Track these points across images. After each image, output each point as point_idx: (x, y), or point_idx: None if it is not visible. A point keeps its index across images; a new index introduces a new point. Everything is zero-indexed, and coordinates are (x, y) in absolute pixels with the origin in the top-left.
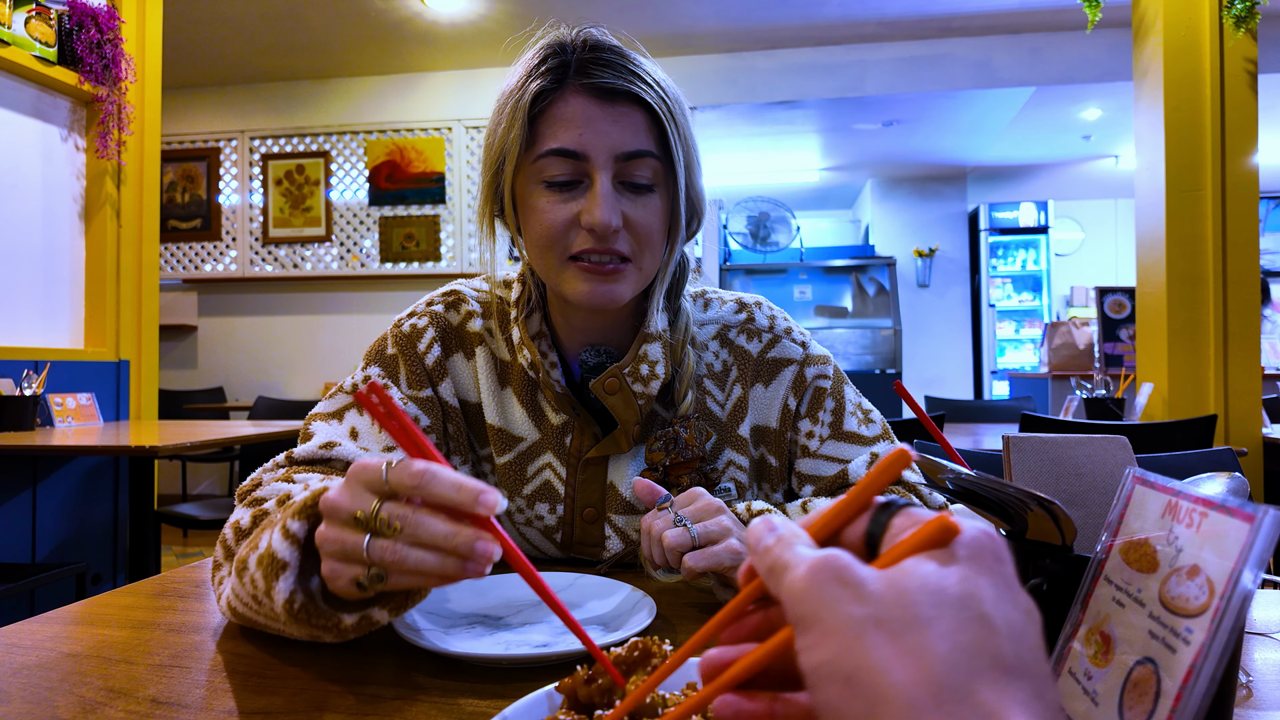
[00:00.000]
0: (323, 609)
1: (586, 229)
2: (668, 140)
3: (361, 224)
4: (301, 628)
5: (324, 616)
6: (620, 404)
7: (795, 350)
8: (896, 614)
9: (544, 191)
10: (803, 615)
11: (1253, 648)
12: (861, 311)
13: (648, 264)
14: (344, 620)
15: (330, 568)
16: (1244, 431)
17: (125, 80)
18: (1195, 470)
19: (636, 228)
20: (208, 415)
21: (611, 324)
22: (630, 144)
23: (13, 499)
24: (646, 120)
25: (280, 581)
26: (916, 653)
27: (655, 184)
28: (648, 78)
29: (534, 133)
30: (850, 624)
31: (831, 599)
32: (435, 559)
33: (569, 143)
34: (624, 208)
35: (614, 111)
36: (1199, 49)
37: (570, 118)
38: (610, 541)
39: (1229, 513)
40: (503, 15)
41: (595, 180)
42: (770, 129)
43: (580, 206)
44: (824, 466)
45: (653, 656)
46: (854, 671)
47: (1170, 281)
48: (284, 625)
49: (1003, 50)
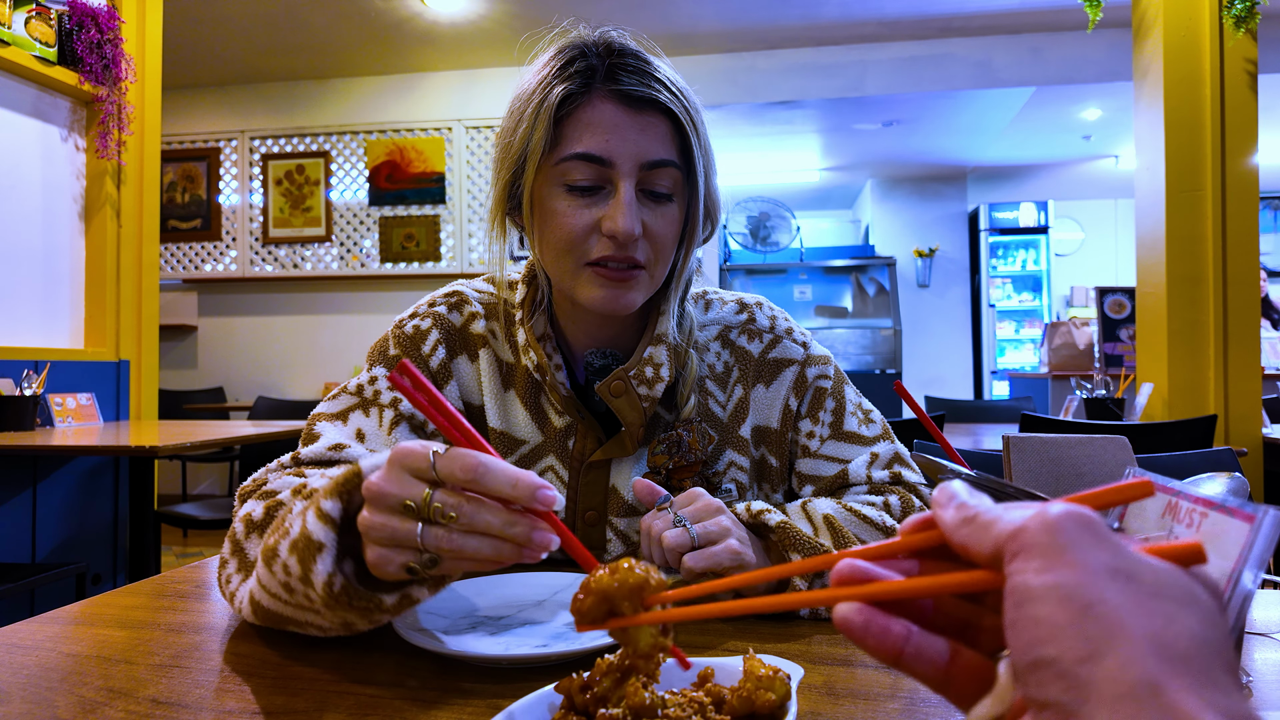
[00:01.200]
0: (362, 590)
1: (608, 235)
2: (690, 150)
3: (361, 224)
4: (339, 612)
5: (364, 598)
6: (625, 406)
7: (796, 351)
8: (1150, 579)
9: (565, 195)
10: (1045, 544)
11: (1253, 648)
12: (861, 311)
13: (659, 272)
14: (385, 600)
15: (378, 554)
16: (1244, 431)
17: (125, 80)
18: (1195, 470)
19: (654, 237)
20: (208, 415)
21: (618, 327)
22: (655, 153)
23: (13, 499)
24: (670, 130)
25: (318, 563)
26: (1167, 616)
27: (674, 194)
28: (672, 86)
29: (558, 135)
30: (1103, 566)
31: (1087, 542)
32: (492, 547)
33: (595, 148)
34: (644, 216)
35: (640, 120)
36: (1199, 49)
37: (597, 123)
38: (612, 545)
39: (1229, 513)
40: (503, 15)
41: (619, 188)
42: (770, 129)
43: (601, 212)
44: (824, 466)
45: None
46: (1095, 603)
47: (1170, 281)
48: (320, 610)
49: (1003, 50)
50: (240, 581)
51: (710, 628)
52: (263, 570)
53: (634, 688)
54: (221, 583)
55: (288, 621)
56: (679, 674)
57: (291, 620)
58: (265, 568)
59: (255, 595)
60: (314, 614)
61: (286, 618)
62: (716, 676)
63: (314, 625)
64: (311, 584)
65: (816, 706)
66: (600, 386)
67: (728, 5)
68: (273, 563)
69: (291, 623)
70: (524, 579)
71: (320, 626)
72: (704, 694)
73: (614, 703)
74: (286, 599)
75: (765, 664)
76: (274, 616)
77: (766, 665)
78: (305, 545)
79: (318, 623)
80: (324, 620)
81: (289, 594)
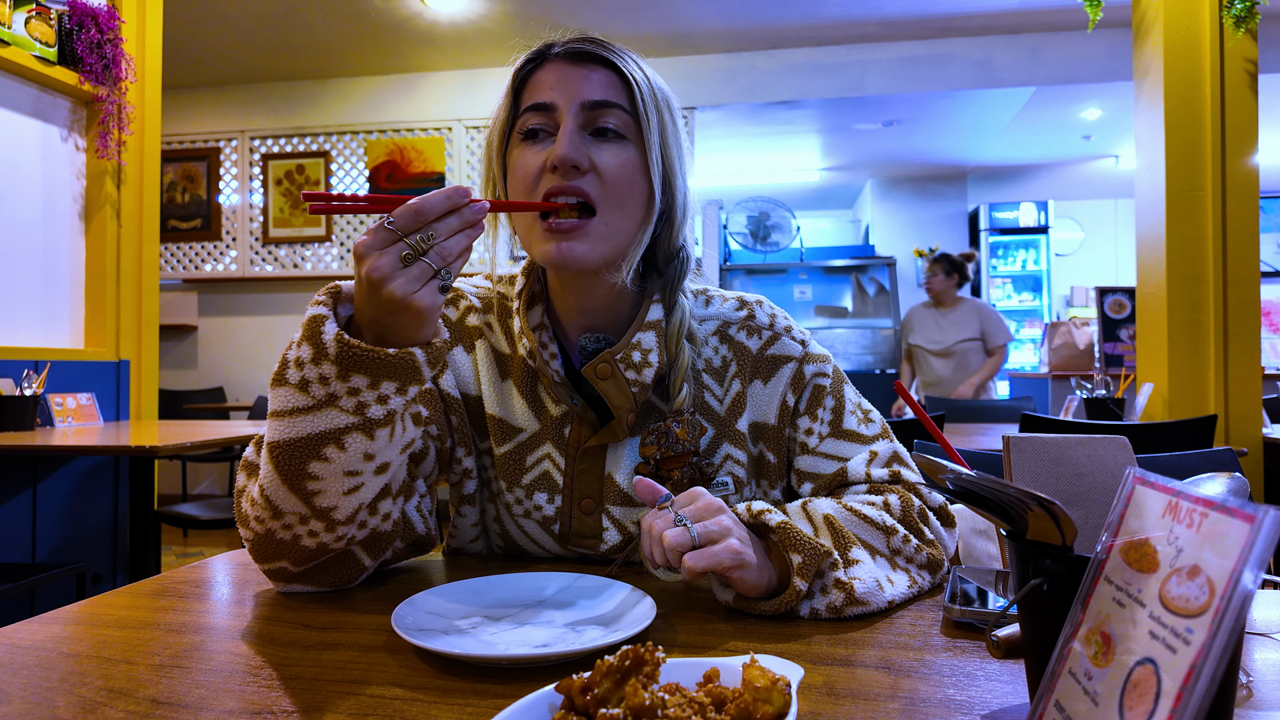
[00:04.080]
0: (365, 344)
1: (550, 167)
2: (635, 100)
3: (362, 224)
4: (351, 375)
5: (369, 350)
6: (613, 389)
7: (794, 348)
8: None
9: (521, 145)
10: None
11: (1253, 648)
12: (861, 311)
13: (615, 221)
14: (387, 352)
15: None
16: (1244, 431)
17: (125, 80)
18: (1195, 470)
19: (604, 174)
20: (208, 415)
21: (607, 309)
22: (596, 94)
23: (13, 499)
24: (617, 81)
25: (325, 327)
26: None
27: (626, 136)
28: (625, 55)
29: (517, 103)
30: None
31: None
32: (464, 236)
33: (541, 97)
34: (591, 152)
35: (584, 69)
36: (1199, 49)
37: (544, 80)
38: (608, 533)
39: (1229, 513)
40: (503, 15)
41: (561, 124)
42: (770, 129)
43: (549, 151)
44: (823, 464)
45: (645, 664)
46: None
47: (1170, 281)
48: (333, 384)
49: (1003, 50)
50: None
51: (711, 628)
52: (276, 393)
53: (634, 688)
54: (238, 508)
55: (309, 448)
56: (683, 673)
57: (312, 438)
58: (278, 385)
59: (275, 438)
60: (330, 406)
61: (306, 439)
62: (721, 678)
63: (333, 428)
64: (324, 351)
65: (816, 706)
66: (587, 369)
67: (728, 5)
68: (285, 370)
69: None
70: (524, 579)
71: (340, 427)
72: (705, 694)
73: (614, 703)
74: (305, 402)
75: (765, 672)
76: (297, 449)
77: (766, 674)
78: (309, 328)
79: (334, 422)
80: (341, 408)
81: (306, 392)
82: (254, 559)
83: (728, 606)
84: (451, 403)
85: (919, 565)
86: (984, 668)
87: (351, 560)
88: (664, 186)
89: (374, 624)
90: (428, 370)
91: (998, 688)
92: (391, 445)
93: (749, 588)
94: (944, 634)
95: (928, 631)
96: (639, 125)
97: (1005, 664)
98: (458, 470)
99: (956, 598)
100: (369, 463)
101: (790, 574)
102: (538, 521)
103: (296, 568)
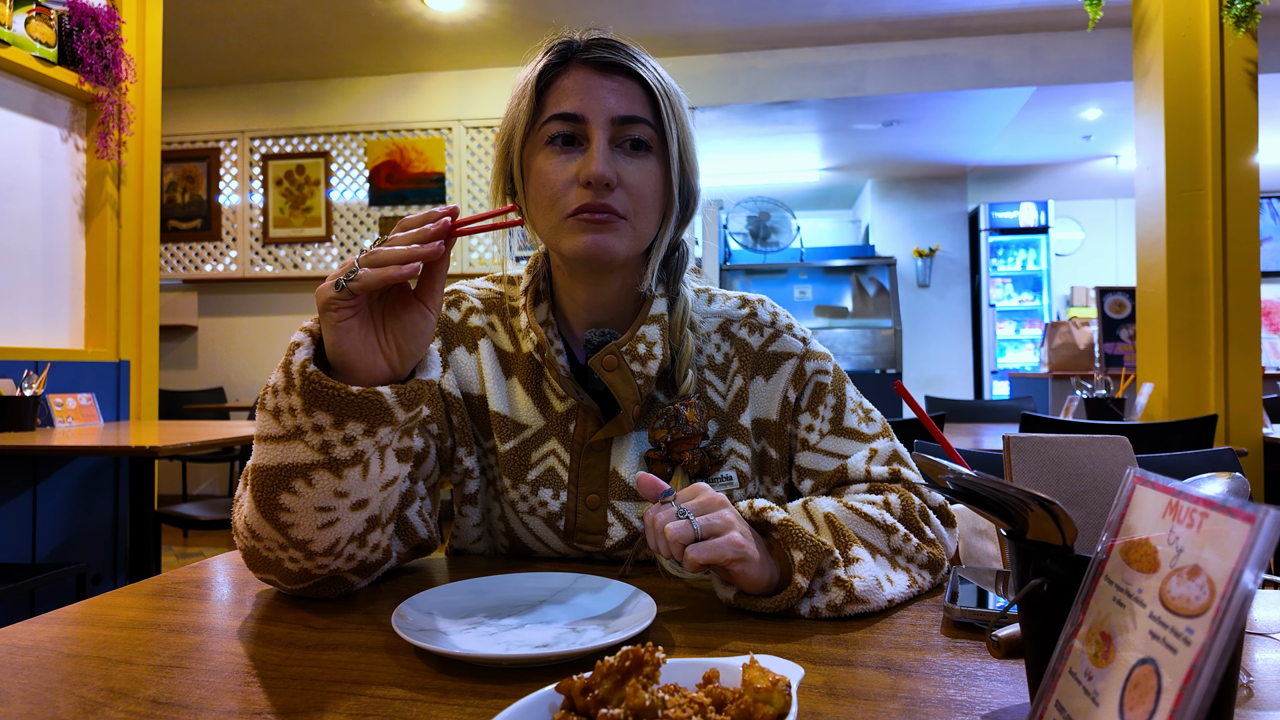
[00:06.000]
0: (330, 379)
1: (583, 183)
2: (660, 113)
3: (362, 224)
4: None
5: (333, 386)
6: (619, 381)
7: (796, 345)
8: None
9: (547, 152)
10: None
11: (1253, 648)
12: (861, 311)
13: (641, 226)
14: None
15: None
16: (1244, 431)
17: (125, 80)
18: (1195, 470)
19: (631, 188)
20: (208, 415)
21: (615, 305)
22: (625, 109)
23: (13, 499)
24: (642, 93)
25: (297, 354)
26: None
27: (651, 148)
28: (645, 61)
29: (540, 105)
30: None
31: None
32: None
33: (570, 107)
34: (620, 168)
35: (612, 81)
36: (1199, 49)
37: (572, 87)
38: (613, 529)
39: (1229, 513)
40: (503, 15)
41: (593, 139)
42: (770, 129)
43: (580, 165)
44: (823, 461)
45: (645, 665)
46: None
47: (1170, 281)
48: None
49: (1003, 50)
50: (244, 491)
51: (712, 628)
52: (258, 418)
53: (634, 689)
54: (233, 518)
55: (279, 479)
56: (683, 673)
57: (281, 469)
58: (259, 408)
59: (253, 462)
60: (297, 440)
61: (276, 469)
62: (721, 678)
63: (299, 463)
64: (292, 381)
65: (816, 706)
66: (593, 360)
67: (728, 5)
68: (264, 395)
69: (281, 479)
70: (524, 579)
71: (305, 463)
72: (705, 695)
73: (614, 704)
74: (276, 430)
75: (765, 672)
76: (268, 478)
77: (766, 674)
78: (287, 353)
79: (300, 457)
80: (306, 444)
81: (277, 420)
82: (248, 567)
83: (729, 604)
84: (453, 402)
85: (919, 564)
86: (984, 668)
87: (341, 582)
88: (681, 190)
89: (374, 624)
90: (401, 413)
91: (998, 688)
92: (366, 484)
93: (750, 583)
94: (944, 634)
95: (928, 631)
96: (663, 138)
97: (1005, 664)
98: (459, 470)
99: (956, 598)
100: (342, 500)
101: (792, 571)
102: (542, 518)
103: (286, 585)
